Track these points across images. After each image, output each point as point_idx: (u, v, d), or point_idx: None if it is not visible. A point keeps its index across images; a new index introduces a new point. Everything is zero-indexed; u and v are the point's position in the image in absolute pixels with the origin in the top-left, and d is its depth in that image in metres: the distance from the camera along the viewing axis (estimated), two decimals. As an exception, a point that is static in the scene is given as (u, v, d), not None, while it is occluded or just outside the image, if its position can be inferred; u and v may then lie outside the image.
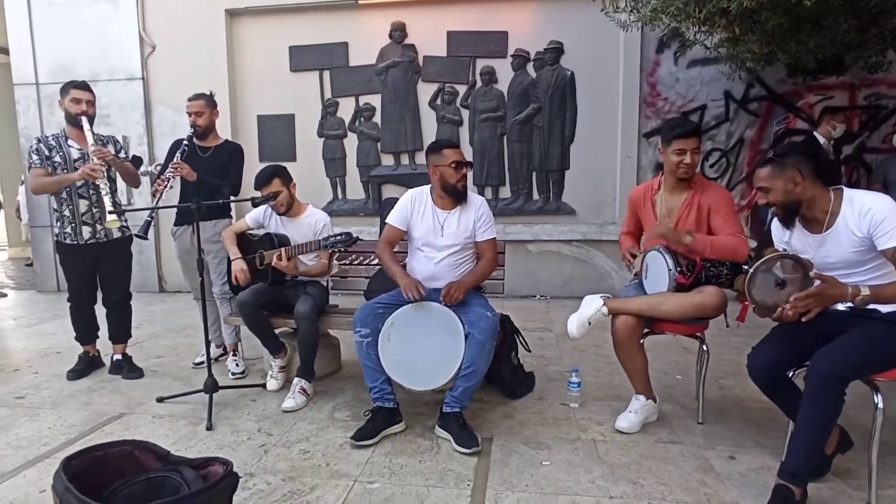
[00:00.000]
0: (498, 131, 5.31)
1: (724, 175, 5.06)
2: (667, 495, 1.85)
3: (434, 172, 2.46)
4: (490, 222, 2.54)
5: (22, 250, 8.79)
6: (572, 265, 5.29)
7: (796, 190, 1.81)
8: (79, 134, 2.92)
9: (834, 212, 1.81)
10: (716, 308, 2.22)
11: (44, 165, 2.92)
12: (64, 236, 2.99)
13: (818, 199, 1.82)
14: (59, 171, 2.92)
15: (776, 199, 1.85)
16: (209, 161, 3.07)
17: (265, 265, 2.80)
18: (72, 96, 2.88)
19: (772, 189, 1.84)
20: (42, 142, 2.96)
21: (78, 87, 2.91)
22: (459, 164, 2.43)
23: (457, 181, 2.44)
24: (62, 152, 2.94)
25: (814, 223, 1.87)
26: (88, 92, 2.94)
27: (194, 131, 3.05)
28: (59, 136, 2.99)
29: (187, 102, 3.10)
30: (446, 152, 2.44)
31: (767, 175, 1.85)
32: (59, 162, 2.93)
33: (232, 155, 3.15)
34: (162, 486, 1.45)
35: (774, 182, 1.83)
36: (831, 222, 1.81)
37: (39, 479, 1.99)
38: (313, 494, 1.88)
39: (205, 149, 3.12)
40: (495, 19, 5.18)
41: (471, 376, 2.23)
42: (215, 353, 3.28)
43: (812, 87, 4.87)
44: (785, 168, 1.81)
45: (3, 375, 3.19)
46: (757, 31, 3.39)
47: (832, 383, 1.67)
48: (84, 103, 2.89)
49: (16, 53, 5.73)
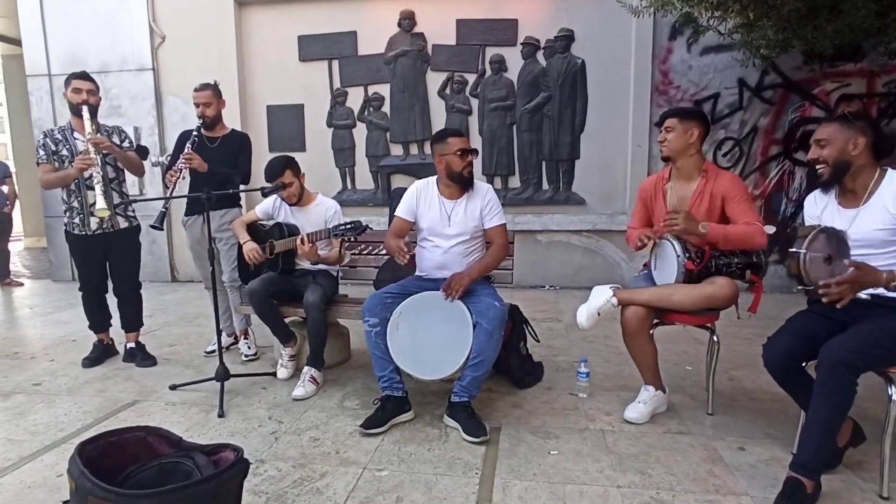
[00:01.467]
0: (507, 120, 5.27)
1: (737, 164, 4.98)
2: (675, 485, 1.85)
3: (440, 162, 2.45)
4: (498, 209, 2.52)
5: (38, 240, 8.93)
6: (582, 255, 5.26)
7: (853, 152, 1.79)
8: (83, 125, 2.92)
9: (873, 188, 1.81)
10: (727, 299, 2.19)
11: (50, 160, 2.94)
12: (73, 226, 3.02)
13: (865, 171, 1.82)
14: (66, 164, 2.94)
15: (830, 154, 1.82)
16: (218, 151, 3.08)
17: (275, 254, 2.82)
18: (72, 87, 2.90)
19: (830, 143, 1.82)
20: (48, 136, 2.97)
21: (78, 78, 2.92)
22: (465, 152, 2.42)
23: (462, 168, 2.42)
24: (68, 145, 2.96)
25: (850, 197, 1.86)
26: (89, 81, 2.94)
27: (203, 122, 3.06)
28: (65, 128, 3.01)
29: (194, 93, 3.10)
30: (451, 140, 2.43)
31: (833, 129, 1.83)
32: (66, 155, 2.94)
33: (240, 144, 3.16)
34: (174, 471, 1.48)
35: (837, 136, 1.81)
36: (868, 198, 1.81)
37: (56, 463, 2.04)
38: (323, 481, 1.90)
39: (213, 139, 3.13)
40: (505, 7, 5.11)
41: (479, 366, 2.24)
42: (226, 342, 3.30)
43: (829, 75, 4.77)
44: (852, 127, 1.80)
45: (20, 363, 3.25)
46: (772, 17, 3.32)
47: (841, 372, 1.65)
48: (84, 93, 2.89)
49: (28, 45, 5.78)
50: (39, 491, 1.87)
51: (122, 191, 3.09)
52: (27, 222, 9.31)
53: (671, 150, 2.32)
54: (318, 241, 2.73)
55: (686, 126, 2.28)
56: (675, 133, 2.29)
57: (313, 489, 1.85)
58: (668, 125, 2.32)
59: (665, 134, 2.32)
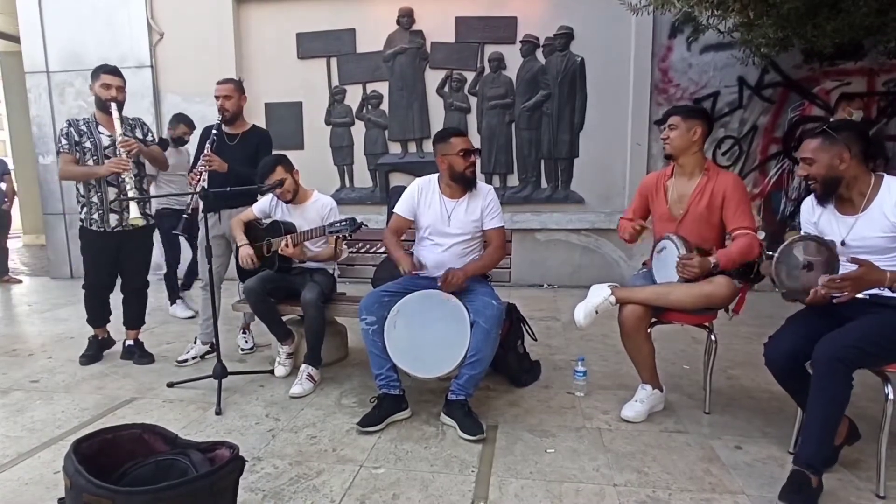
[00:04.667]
0: (506, 119, 5.26)
1: (736, 163, 4.97)
2: (671, 484, 1.85)
3: (442, 161, 2.45)
4: (497, 211, 2.53)
5: (36, 237, 8.92)
6: (580, 254, 5.26)
7: (840, 167, 1.78)
8: (108, 120, 2.89)
9: (871, 195, 1.80)
10: (725, 298, 2.20)
11: (72, 151, 2.88)
12: (90, 222, 2.97)
13: (859, 180, 1.80)
14: (88, 157, 2.90)
15: (818, 172, 1.81)
16: (237, 149, 3.05)
17: (272, 252, 2.82)
18: (102, 81, 2.86)
19: (816, 161, 1.81)
20: (73, 125, 2.91)
21: (109, 73, 2.88)
22: (468, 153, 2.42)
23: (465, 169, 2.43)
24: (93, 138, 2.92)
25: (848, 204, 1.85)
26: (119, 77, 2.92)
27: (222, 117, 3.03)
28: (89, 120, 2.96)
29: (216, 86, 3.07)
30: (454, 141, 2.42)
31: (816, 147, 1.81)
32: (88, 148, 2.90)
33: (259, 141, 3.12)
34: (170, 468, 1.48)
35: (821, 155, 1.80)
36: (866, 205, 1.80)
37: (53, 460, 2.04)
38: (320, 479, 1.90)
39: (232, 136, 3.10)
40: (504, 4, 5.10)
41: (476, 364, 2.24)
42: (201, 351, 3.15)
43: (829, 73, 4.75)
44: (835, 143, 1.78)
45: (18, 360, 3.25)
46: (772, 15, 3.31)
47: (834, 367, 1.66)
48: (114, 89, 2.87)
49: (27, 42, 5.76)
50: (36, 487, 1.87)
51: (142, 187, 3.05)
52: (26, 219, 9.30)
53: (674, 147, 2.32)
54: (314, 239, 2.72)
55: (689, 124, 2.28)
56: (678, 131, 2.29)
57: (310, 486, 1.85)
58: (671, 122, 2.32)
59: (668, 131, 2.32)
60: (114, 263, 3.08)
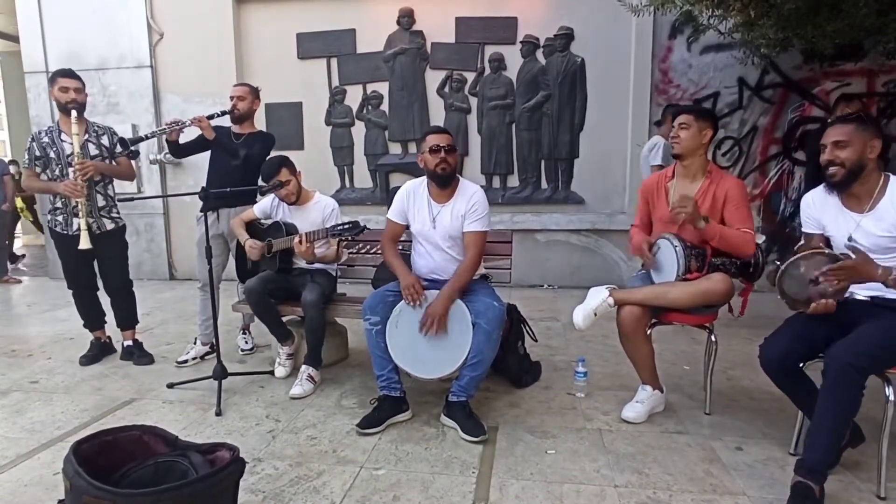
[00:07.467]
0: (506, 119, 5.25)
1: (736, 163, 4.97)
2: (672, 485, 1.85)
3: (420, 161, 2.40)
4: (481, 214, 2.35)
5: (36, 238, 8.91)
6: (580, 255, 5.25)
7: (870, 155, 1.78)
8: (71, 124, 2.86)
9: (879, 194, 1.81)
10: (722, 295, 2.19)
11: (31, 165, 2.90)
12: (55, 224, 3.01)
13: (871, 176, 1.81)
14: (53, 166, 2.90)
15: (849, 156, 1.79)
16: (240, 147, 3.06)
17: (273, 253, 2.81)
18: (59, 85, 2.83)
19: (851, 145, 1.79)
20: (35, 140, 2.92)
21: (65, 76, 2.86)
22: (438, 149, 2.31)
23: (435, 166, 2.32)
24: (55, 147, 2.90)
25: (854, 200, 1.86)
26: (76, 80, 2.88)
27: (232, 113, 3.08)
28: (52, 129, 2.94)
29: (232, 87, 3.17)
30: (428, 137, 2.37)
31: (853, 130, 1.79)
32: (53, 158, 2.90)
33: (257, 139, 3.14)
34: (170, 470, 1.48)
35: (857, 138, 1.78)
36: (874, 204, 1.81)
37: (53, 461, 2.04)
38: (320, 480, 1.90)
39: (238, 135, 3.12)
40: (504, 5, 5.10)
41: (477, 366, 2.23)
42: (200, 352, 3.15)
43: (829, 74, 4.75)
44: (868, 129, 1.78)
45: (18, 360, 3.25)
46: (772, 16, 3.31)
47: (850, 374, 1.64)
48: (72, 91, 2.84)
49: (26, 42, 5.75)
50: (36, 489, 1.87)
51: (108, 193, 3.04)
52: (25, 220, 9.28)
53: (684, 147, 2.29)
54: (316, 241, 2.72)
55: (701, 125, 2.27)
56: (690, 131, 2.27)
57: (310, 488, 1.85)
58: (683, 122, 2.29)
59: (679, 130, 2.29)
60: (88, 264, 3.09)
